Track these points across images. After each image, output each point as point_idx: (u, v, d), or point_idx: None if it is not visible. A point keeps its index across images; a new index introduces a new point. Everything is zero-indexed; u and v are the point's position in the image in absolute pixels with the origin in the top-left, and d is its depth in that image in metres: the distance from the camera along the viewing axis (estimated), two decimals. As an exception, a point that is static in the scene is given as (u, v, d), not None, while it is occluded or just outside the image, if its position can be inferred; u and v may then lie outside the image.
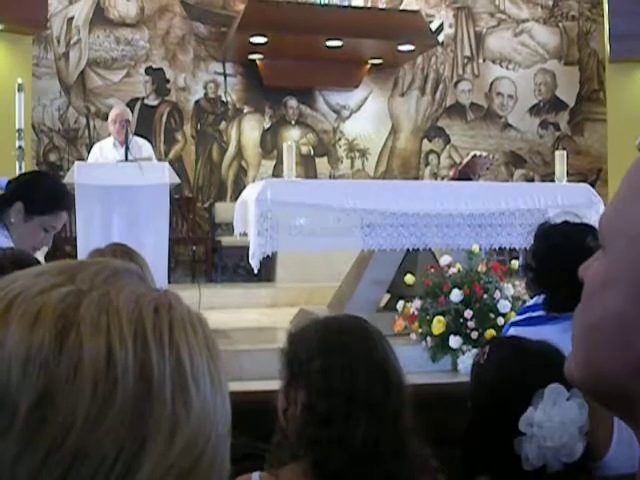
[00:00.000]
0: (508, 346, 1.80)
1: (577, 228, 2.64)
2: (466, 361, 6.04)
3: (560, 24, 12.71)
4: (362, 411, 1.70)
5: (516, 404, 1.61)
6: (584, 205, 7.16)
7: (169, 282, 7.51)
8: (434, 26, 11.94)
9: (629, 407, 0.70)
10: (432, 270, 6.57)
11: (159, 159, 9.06)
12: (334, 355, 1.77)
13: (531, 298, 2.94)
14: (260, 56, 10.90)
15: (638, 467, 0.72)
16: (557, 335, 2.31)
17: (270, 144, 11.41)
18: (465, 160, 8.03)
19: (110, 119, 7.90)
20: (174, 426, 0.62)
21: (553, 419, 1.57)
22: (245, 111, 11.38)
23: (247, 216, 6.62)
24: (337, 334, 1.83)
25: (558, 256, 2.49)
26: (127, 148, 7.12)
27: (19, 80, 5.87)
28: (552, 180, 7.95)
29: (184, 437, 0.62)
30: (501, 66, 12.46)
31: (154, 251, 6.55)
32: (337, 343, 1.80)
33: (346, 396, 1.72)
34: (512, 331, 2.71)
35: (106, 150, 7.84)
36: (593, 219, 6.72)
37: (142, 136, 8.25)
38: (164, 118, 11.05)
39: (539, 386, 1.60)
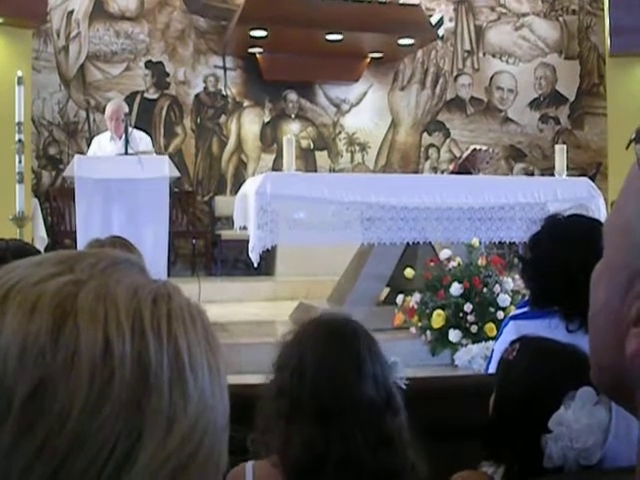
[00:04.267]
0: (539, 345, 1.82)
1: (583, 221, 2.64)
2: (462, 357, 6.05)
3: (560, 18, 12.69)
4: (307, 417, 1.69)
5: (544, 402, 1.63)
6: (584, 199, 7.17)
7: (169, 275, 7.51)
8: (434, 20, 11.93)
9: (629, 396, 0.70)
10: (432, 264, 6.58)
11: (159, 153, 9.05)
12: (291, 355, 1.78)
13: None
14: (260, 50, 10.89)
15: (637, 460, 0.72)
16: (547, 331, 2.32)
17: (270, 138, 11.41)
18: (465, 154, 8.02)
19: (106, 116, 7.90)
20: (171, 417, 0.61)
21: (581, 421, 1.59)
22: (245, 105, 11.37)
23: (247, 210, 6.62)
24: (300, 333, 1.83)
25: (559, 245, 2.50)
26: (127, 141, 7.11)
27: (19, 73, 5.85)
28: (552, 174, 7.95)
29: (181, 428, 0.62)
30: (501, 60, 12.44)
31: (154, 244, 6.55)
32: (295, 342, 1.81)
33: (292, 397, 1.72)
34: (512, 325, 2.71)
35: (104, 144, 7.84)
36: (594, 213, 6.75)
37: (141, 129, 8.24)
38: (164, 112, 11.04)
39: (568, 387, 1.61)
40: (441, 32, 12.01)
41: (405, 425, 1.77)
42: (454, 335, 6.21)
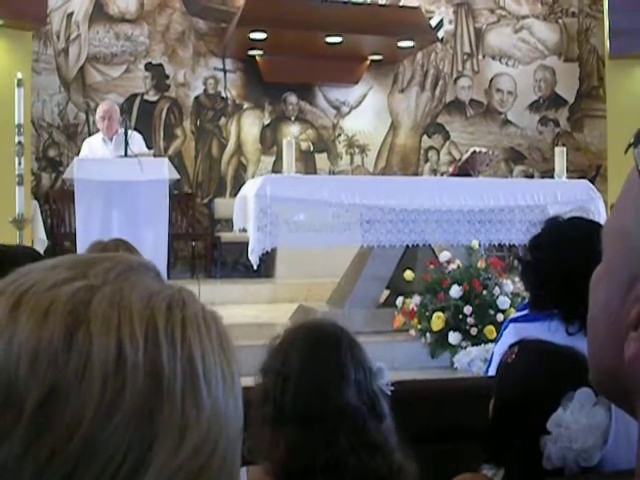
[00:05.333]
0: (537, 348, 1.82)
1: (583, 224, 2.64)
2: (462, 359, 6.05)
3: (560, 20, 12.70)
4: (290, 422, 1.70)
5: (543, 405, 1.63)
6: (584, 201, 7.17)
7: (168, 278, 7.50)
8: (434, 22, 11.93)
9: (628, 398, 0.70)
10: (431, 266, 6.58)
11: (159, 155, 9.05)
12: (276, 359, 1.79)
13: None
14: (260, 52, 10.90)
15: (636, 462, 0.72)
16: (546, 333, 2.32)
17: (270, 140, 11.41)
18: (465, 156, 8.03)
19: (98, 116, 7.90)
20: (184, 426, 0.61)
21: (580, 422, 1.59)
22: (245, 107, 11.37)
23: (247, 212, 6.62)
24: (285, 337, 1.84)
25: (560, 248, 2.50)
26: (126, 144, 7.11)
27: (19, 75, 5.85)
28: (552, 176, 7.95)
29: (194, 438, 0.61)
30: (501, 62, 12.45)
31: (154, 247, 6.56)
32: (280, 347, 1.82)
33: (275, 401, 1.73)
34: (511, 328, 2.71)
35: (95, 146, 7.82)
36: (595, 216, 6.75)
37: (135, 129, 8.25)
38: (164, 114, 11.04)
39: (567, 389, 1.61)
40: (441, 34, 12.01)
41: (391, 430, 1.78)
42: (454, 337, 6.21)
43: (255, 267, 6.54)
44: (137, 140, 7.70)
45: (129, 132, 7.69)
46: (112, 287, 0.63)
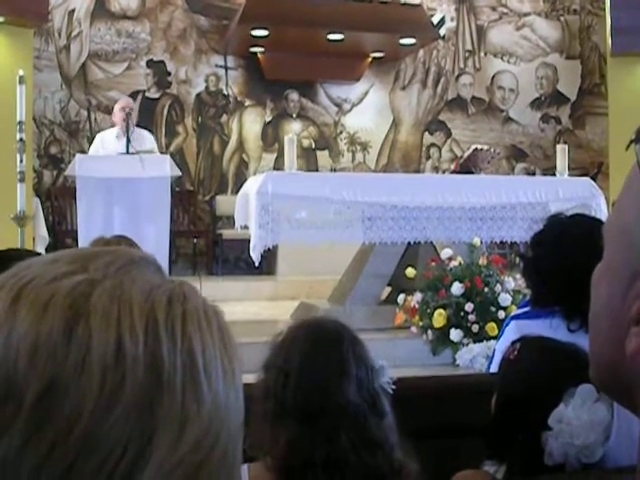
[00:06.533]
0: (539, 344, 1.83)
1: (585, 220, 2.64)
2: (464, 356, 6.05)
3: (562, 18, 12.69)
4: (291, 418, 1.71)
5: (544, 400, 1.63)
6: (586, 198, 7.16)
7: (170, 275, 7.49)
8: (436, 19, 11.93)
9: (629, 395, 0.70)
10: (433, 263, 6.58)
11: (160, 152, 9.05)
12: (278, 356, 1.80)
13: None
14: (261, 49, 10.89)
15: (638, 458, 0.72)
16: (548, 330, 2.32)
17: (271, 137, 11.41)
18: (466, 154, 8.03)
19: (118, 107, 7.85)
20: (184, 420, 0.60)
21: (581, 418, 1.59)
22: (246, 104, 11.37)
23: (248, 209, 6.62)
24: (287, 334, 1.84)
25: (561, 245, 2.50)
26: (128, 140, 7.12)
27: (20, 72, 5.85)
28: (553, 174, 7.94)
29: (194, 431, 0.61)
30: (502, 60, 12.44)
31: (155, 244, 6.56)
32: (282, 343, 1.82)
33: (277, 397, 1.73)
34: (513, 325, 2.71)
35: (108, 141, 7.81)
36: (596, 213, 6.74)
37: (144, 127, 8.25)
38: (165, 111, 11.04)
39: (568, 385, 1.62)
40: (443, 32, 12.00)
41: (392, 427, 1.78)
42: (455, 334, 6.21)
43: (257, 264, 6.54)
44: (150, 140, 7.71)
45: (144, 132, 7.71)
46: (112, 281, 0.63)
